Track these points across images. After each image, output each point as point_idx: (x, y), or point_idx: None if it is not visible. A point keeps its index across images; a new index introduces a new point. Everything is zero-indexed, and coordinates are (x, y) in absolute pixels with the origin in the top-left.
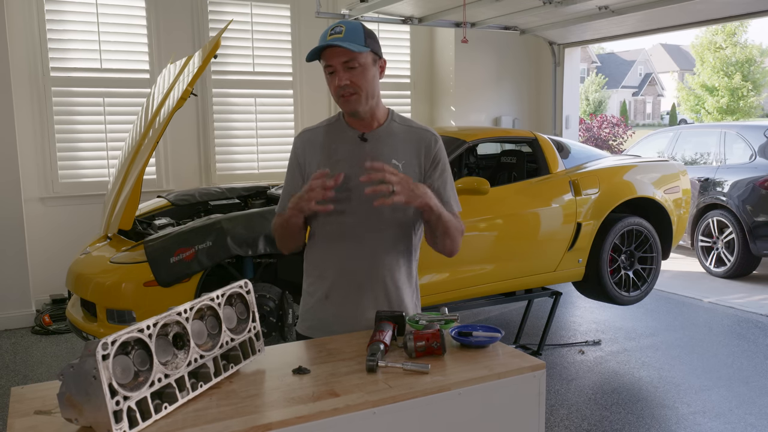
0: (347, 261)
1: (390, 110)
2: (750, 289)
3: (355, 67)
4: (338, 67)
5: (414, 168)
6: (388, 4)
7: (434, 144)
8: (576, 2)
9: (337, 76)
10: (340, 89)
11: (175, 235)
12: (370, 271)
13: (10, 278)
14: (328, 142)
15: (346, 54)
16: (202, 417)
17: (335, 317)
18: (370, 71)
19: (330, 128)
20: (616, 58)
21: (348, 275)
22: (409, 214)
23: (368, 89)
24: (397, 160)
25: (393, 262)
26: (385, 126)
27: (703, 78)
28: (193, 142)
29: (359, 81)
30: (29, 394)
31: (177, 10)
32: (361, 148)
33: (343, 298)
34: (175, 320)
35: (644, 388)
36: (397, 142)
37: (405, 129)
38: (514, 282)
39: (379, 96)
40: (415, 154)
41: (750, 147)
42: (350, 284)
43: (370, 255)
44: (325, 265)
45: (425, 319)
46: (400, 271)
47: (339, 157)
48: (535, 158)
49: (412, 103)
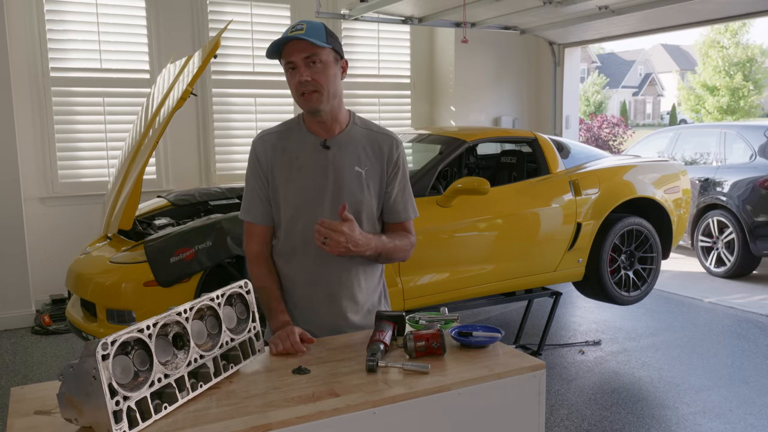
0: (315, 270)
1: (351, 113)
2: (750, 289)
3: (317, 62)
4: (299, 63)
5: (376, 174)
6: (388, 4)
7: (395, 149)
8: (576, 2)
9: (299, 72)
10: (300, 86)
11: (175, 235)
12: (339, 279)
13: (10, 278)
14: (290, 147)
15: (308, 49)
16: (202, 417)
17: (303, 326)
18: (332, 69)
19: (290, 133)
20: (616, 58)
21: (317, 284)
22: (373, 223)
23: (330, 87)
24: (360, 167)
25: (360, 268)
26: (346, 131)
27: (704, 77)
28: (193, 142)
29: (320, 78)
30: (29, 394)
31: (177, 10)
32: (324, 156)
33: (313, 308)
34: (175, 320)
35: (644, 388)
36: (359, 149)
37: (367, 133)
38: (514, 282)
39: (341, 97)
40: (377, 160)
41: (750, 147)
42: (320, 293)
43: (339, 263)
44: (293, 275)
45: (425, 319)
46: (368, 277)
47: (301, 164)
48: (535, 158)
49: (412, 103)
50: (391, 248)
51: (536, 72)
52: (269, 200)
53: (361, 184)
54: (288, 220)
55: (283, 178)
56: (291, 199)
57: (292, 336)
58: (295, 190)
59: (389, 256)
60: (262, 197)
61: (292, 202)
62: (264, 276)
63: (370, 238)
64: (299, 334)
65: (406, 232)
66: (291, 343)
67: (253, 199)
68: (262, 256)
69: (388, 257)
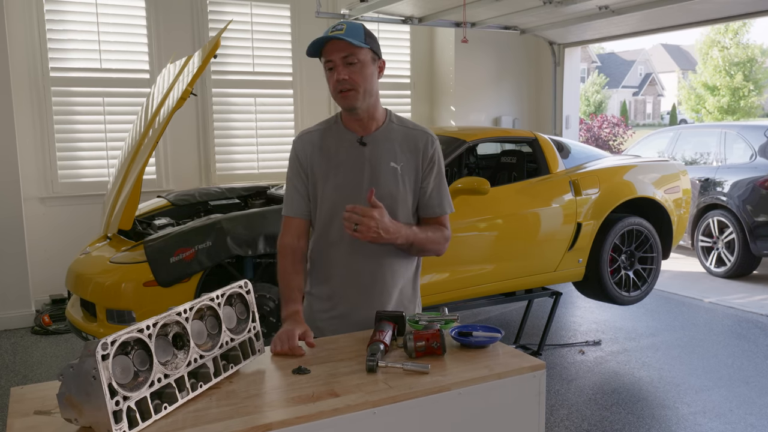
0: (351, 263)
1: (388, 111)
2: (750, 289)
3: (354, 63)
4: (338, 62)
5: (411, 169)
6: (388, 4)
7: (431, 145)
8: (576, 2)
9: (337, 71)
10: (338, 84)
11: (175, 235)
12: (374, 272)
13: (10, 278)
14: (328, 145)
15: (346, 48)
16: (202, 417)
17: (339, 318)
18: (369, 68)
19: (328, 131)
20: (616, 58)
21: (352, 277)
22: (409, 217)
23: (366, 86)
24: (395, 162)
25: (396, 263)
26: (383, 128)
27: (704, 77)
28: (193, 142)
29: (357, 77)
30: (29, 395)
31: (177, 10)
32: (361, 152)
33: (347, 300)
34: (174, 320)
35: (644, 389)
36: (395, 145)
37: (402, 130)
38: (514, 282)
39: (378, 96)
40: (413, 156)
41: (750, 147)
42: (354, 286)
43: (374, 257)
44: (329, 268)
45: (425, 319)
46: (404, 273)
47: (339, 161)
48: (535, 158)
49: (412, 103)
50: (423, 239)
51: (536, 72)
52: (309, 196)
53: (396, 180)
54: (325, 214)
55: (321, 175)
56: (328, 194)
57: (292, 341)
58: (333, 186)
59: (422, 247)
60: (302, 193)
61: (329, 197)
62: (287, 267)
63: (401, 226)
64: (302, 335)
65: (440, 226)
66: (289, 348)
67: (294, 196)
68: (290, 249)
69: (420, 248)
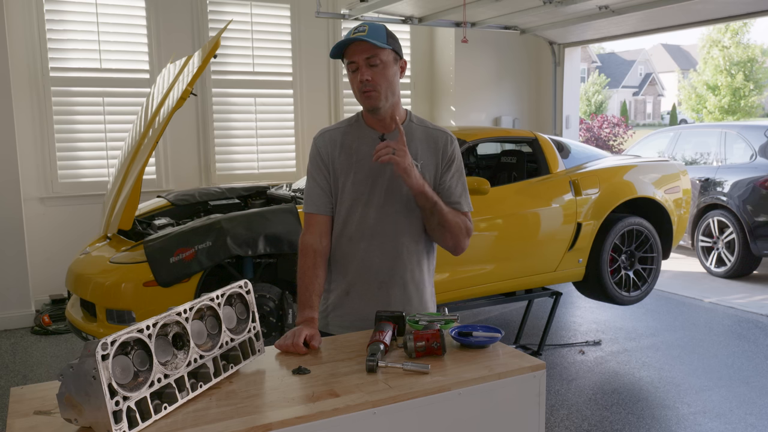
0: (368, 258)
1: (408, 111)
2: (750, 289)
3: (377, 64)
4: (361, 63)
5: (431, 167)
6: (387, 4)
7: (450, 144)
8: (576, 2)
9: (360, 72)
10: (362, 85)
11: (175, 235)
12: (392, 268)
13: (10, 278)
14: (349, 142)
15: (369, 50)
16: (202, 417)
17: (355, 313)
18: (391, 69)
19: (349, 129)
20: (616, 58)
21: (369, 272)
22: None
23: (388, 87)
24: (416, 160)
25: (413, 259)
26: (403, 127)
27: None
28: (193, 142)
29: (380, 78)
30: (29, 395)
31: (177, 10)
32: None
33: (364, 295)
34: (174, 320)
35: (644, 389)
36: (415, 143)
37: (423, 130)
38: (514, 282)
39: (399, 96)
40: (432, 155)
41: (750, 147)
42: (371, 281)
43: (391, 252)
44: (346, 262)
45: (425, 319)
46: (420, 269)
47: (360, 157)
48: (535, 158)
49: (413, 103)
50: (445, 211)
51: (536, 72)
52: (330, 192)
53: None
54: (345, 210)
55: (343, 171)
56: (349, 190)
57: (297, 337)
58: (354, 182)
59: (443, 219)
60: (324, 189)
61: (349, 193)
62: (308, 268)
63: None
64: (309, 336)
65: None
66: (292, 343)
67: (315, 191)
68: (311, 249)
69: (441, 221)
